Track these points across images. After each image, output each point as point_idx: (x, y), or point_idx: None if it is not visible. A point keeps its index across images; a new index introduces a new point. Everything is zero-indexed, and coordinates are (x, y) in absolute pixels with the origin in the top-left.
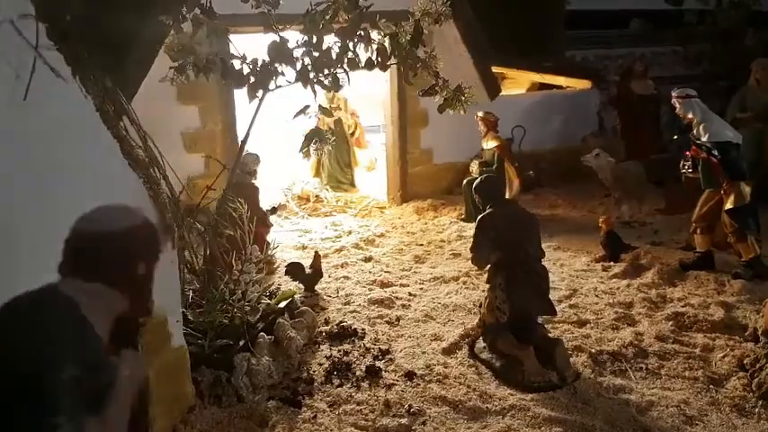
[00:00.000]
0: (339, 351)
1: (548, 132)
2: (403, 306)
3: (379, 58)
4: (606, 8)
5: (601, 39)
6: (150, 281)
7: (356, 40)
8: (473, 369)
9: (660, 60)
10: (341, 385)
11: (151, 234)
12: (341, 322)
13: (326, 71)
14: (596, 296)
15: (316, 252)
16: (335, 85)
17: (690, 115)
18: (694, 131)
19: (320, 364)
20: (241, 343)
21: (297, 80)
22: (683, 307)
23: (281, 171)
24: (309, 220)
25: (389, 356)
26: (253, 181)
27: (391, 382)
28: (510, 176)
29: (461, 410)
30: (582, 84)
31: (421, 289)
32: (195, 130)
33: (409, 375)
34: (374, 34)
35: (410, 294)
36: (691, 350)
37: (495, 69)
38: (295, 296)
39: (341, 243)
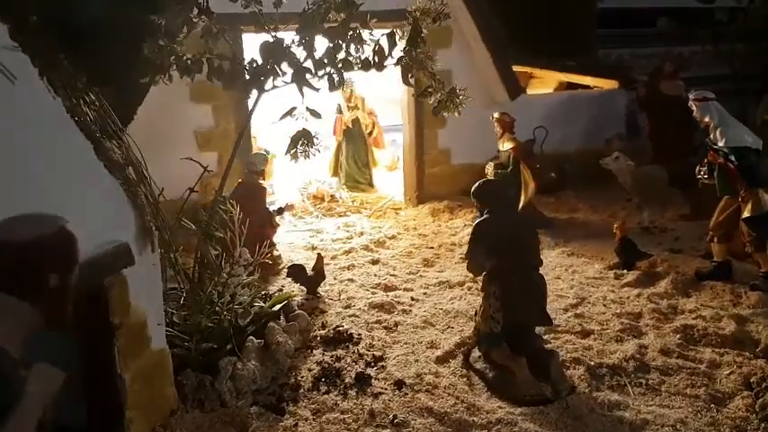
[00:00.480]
0: (332, 356)
1: (572, 133)
2: (403, 311)
3: (377, 59)
4: (640, 6)
5: (635, 37)
6: (67, 293)
7: (347, 39)
8: (465, 379)
9: (697, 60)
10: (328, 392)
11: (64, 244)
12: (337, 327)
13: (322, 72)
14: (604, 305)
15: (318, 254)
16: (331, 86)
17: (706, 119)
18: (711, 136)
19: (310, 370)
20: (229, 347)
21: (292, 81)
22: (693, 319)
23: (299, 170)
24: (323, 220)
25: (382, 363)
26: (260, 181)
27: (379, 390)
28: (525, 179)
29: (446, 423)
30: (609, 84)
31: (425, 294)
32: (208, 129)
33: (398, 384)
34: (366, 34)
35: (412, 299)
36: (695, 366)
37: (517, 68)
38: (291, 299)
39: (351, 244)
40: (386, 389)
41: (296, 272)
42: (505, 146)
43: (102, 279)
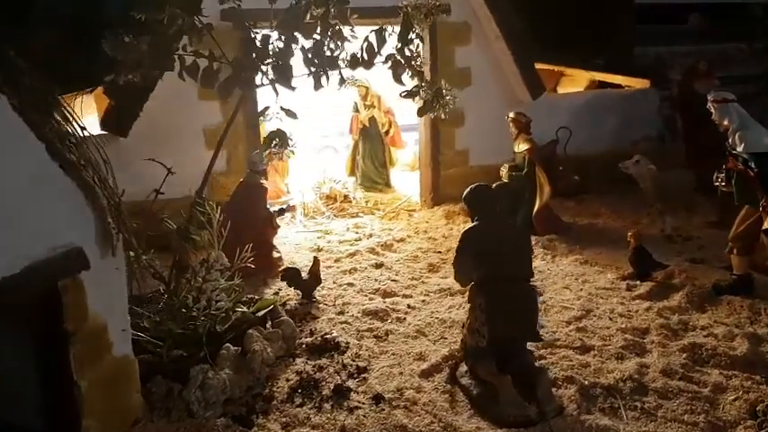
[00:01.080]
0: (314, 366)
1: (599, 134)
2: (398, 319)
3: (365, 56)
4: (678, 1)
5: (674, 34)
6: None
7: (328, 36)
8: (447, 396)
9: (738, 58)
10: (302, 405)
11: None
12: (326, 334)
13: (308, 69)
14: (610, 319)
15: (315, 257)
16: (317, 85)
17: (725, 122)
18: (729, 140)
19: (288, 380)
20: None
21: (273, 80)
22: (704, 337)
23: (316, 169)
24: (335, 220)
25: (364, 375)
26: (262, 180)
27: (356, 404)
28: (541, 182)
29: None
30: (640, 83)
31: (423, 301)
32: (217, 126)
33: (377, 399)
34: (347, 31)
35: (409, 307)
36: (698, 389)
37: (544, 66)
38: (277, 305)
39: (357, 247)
40: (363, 403)
41: (290, 275)
42: (520, 147)
43: (54, 282)
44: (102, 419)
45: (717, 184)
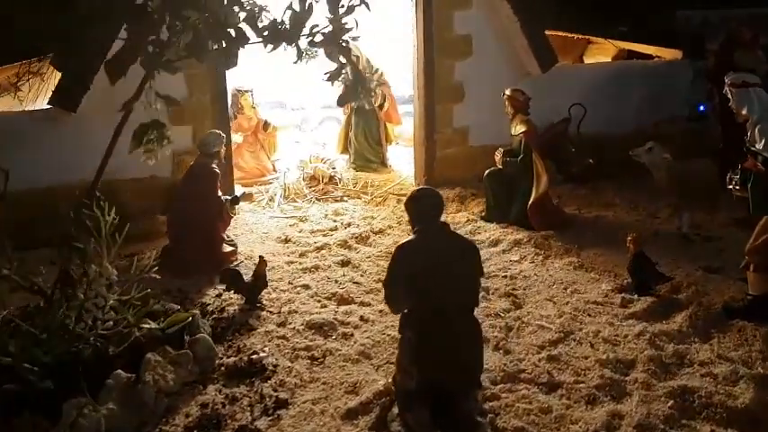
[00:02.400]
0: (226, 396)
1: (620, 113)
2: (343, 336)
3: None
4: None
5: None
6: None
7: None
8: None
9: None
10: None
11: None
12: (253, 353)
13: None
14: (591, 345)
15: (260, 257)
16: (220, 65)
17: (744, 111)
18: (749, 135)
19: (188, 416)
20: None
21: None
22: (701, 377)
23: (303, 146)
24: (315, 205)
25: (280, 412)
26: (214, 165)
27: None
28: (538, 170)
29: None
30: (671, 53)
31: (380, 311)
32: (181, 100)
33: None
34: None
35: (362, 319)
36: None
37: (560, 34)
38: (197, 318)
39: (330, 238)
40: None
41: (229, 278)
42: (517, 129)
43: None
44: None
45: (730, 187)
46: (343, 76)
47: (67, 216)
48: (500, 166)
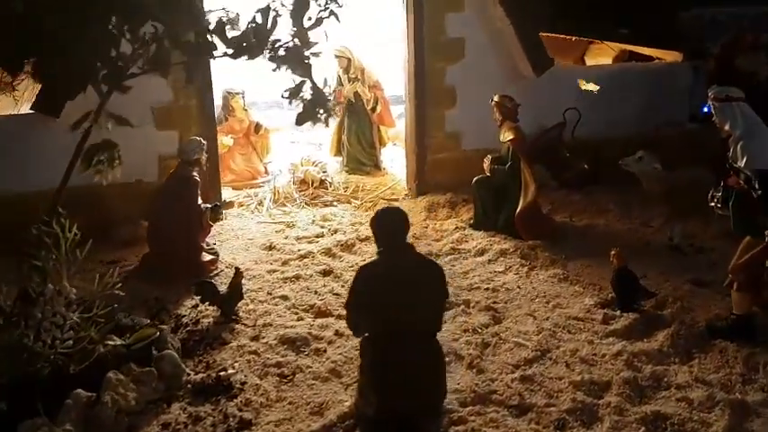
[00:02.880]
0: (189, 416)
1: (617, 116)
2: (315, 351)
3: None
4: None
5: None
6: None
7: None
8: None
9: None
10: None
11: None
12: (222, 370)
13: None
14: (567, 365)
15: (237, 269)
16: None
17: (727, 126)
18: (731, 151)
19: None
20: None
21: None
22: (676, 401)
23: (299, 147)
24: (305, 209)
25: None
26: (194, 172)
27: None
28: (525, 179)
29: None
30: (672, 55)
31: None
32: (167, 105)
33: None
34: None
35: (337, 333)
36: None
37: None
38: (160, 335)
39: (314, 246)
40: None
41: (204, 290)
42: (505, 136)
43: None
44: None
45: (711, 204)
46: (302, 93)
47: (30, 232)
48: (487, 173)
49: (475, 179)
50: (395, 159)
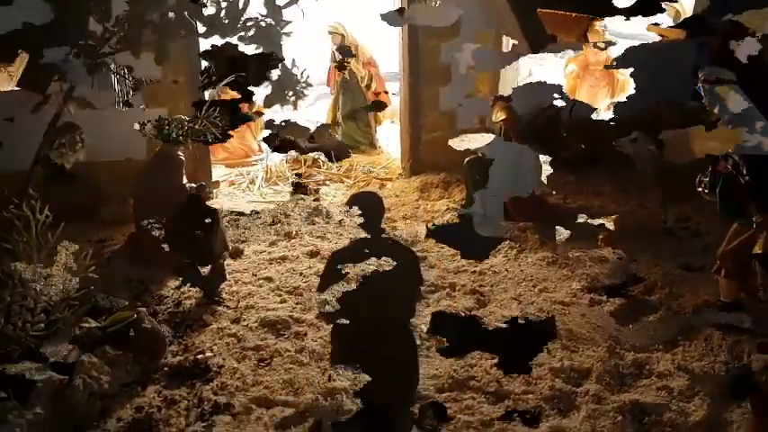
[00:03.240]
0: (164, 399)
1: None
2: (296, 335)
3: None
4: None
5: None
6: None
7: None
8: None
9: None
10: None
11: None
12: (200, 353)
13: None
14: (549, 351)
15: None
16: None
17: (716, 110)
18: None
19: (120, 420)
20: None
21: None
22: (656, 390)
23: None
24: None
25: (216, 417)
26: (179, 152)
27: None
28: None
29: None
30: (674, 33)
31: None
32: (156, 81)
33: None
34: None
35: (318, 317)
36: None
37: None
38: (144, 315)
39: (303, 225)
40: None
41: (185, 271)
42: (498, 116)
43: None
44: None
45: (699, 189)
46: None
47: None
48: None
49: (467, 160)
50: (390, 137)
